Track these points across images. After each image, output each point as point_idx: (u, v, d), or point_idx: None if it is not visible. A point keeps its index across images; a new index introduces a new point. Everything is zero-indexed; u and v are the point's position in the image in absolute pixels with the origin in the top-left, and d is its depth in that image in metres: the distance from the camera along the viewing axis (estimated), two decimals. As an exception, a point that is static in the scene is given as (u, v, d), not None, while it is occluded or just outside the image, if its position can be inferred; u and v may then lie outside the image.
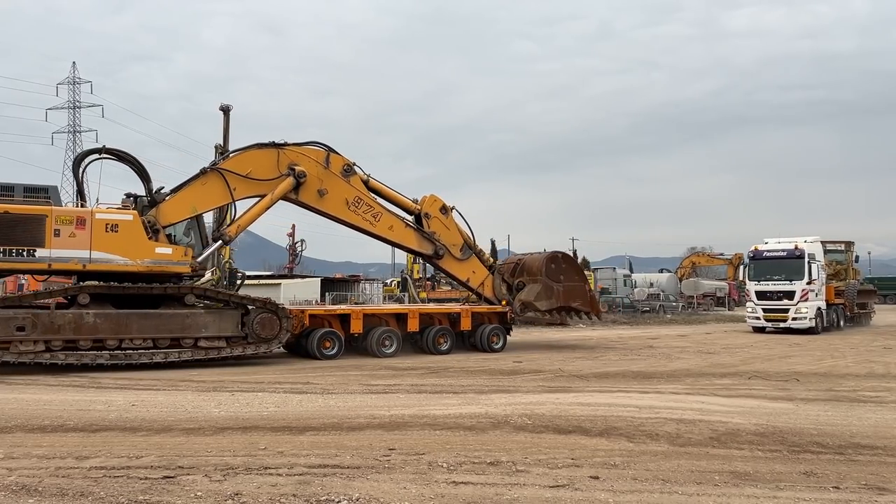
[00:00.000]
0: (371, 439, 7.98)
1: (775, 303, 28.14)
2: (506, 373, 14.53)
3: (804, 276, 27.62)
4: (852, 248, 35.50)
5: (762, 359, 17.54)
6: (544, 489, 6.05)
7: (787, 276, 28.08)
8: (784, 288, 28.06)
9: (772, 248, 29.43)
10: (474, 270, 19.76)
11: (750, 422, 8.91)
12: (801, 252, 28.07)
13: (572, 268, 20.93)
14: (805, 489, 6.06)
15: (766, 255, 29.24)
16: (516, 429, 8.52)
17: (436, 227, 18.92)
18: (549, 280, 19.88)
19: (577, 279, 20.57)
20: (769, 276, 28.61)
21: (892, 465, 6.90)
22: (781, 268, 28.45)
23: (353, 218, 17.73)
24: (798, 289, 27.69)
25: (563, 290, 20.02)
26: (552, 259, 20.46)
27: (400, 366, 15.80)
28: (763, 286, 28.73)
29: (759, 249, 29.67)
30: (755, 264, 29.48)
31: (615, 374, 14.36)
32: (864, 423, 8.99)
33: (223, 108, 28.42)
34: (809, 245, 28.77)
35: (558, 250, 21.74)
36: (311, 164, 17.08)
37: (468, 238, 19.55)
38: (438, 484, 6.20)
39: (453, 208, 19.24)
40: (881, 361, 16.80)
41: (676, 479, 6.35)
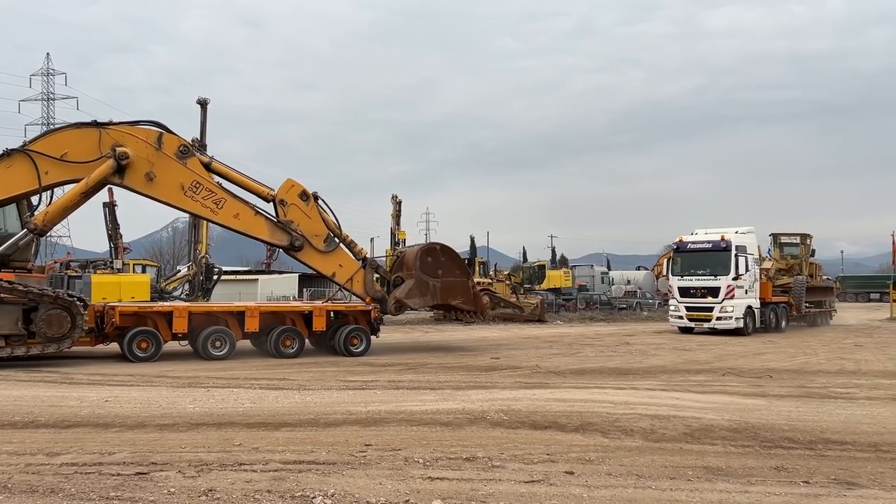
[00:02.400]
0: (347, 435, 7.96)
1: (699, 300, 25.44)
2: (483, 369, 14.57)
3: (730, 270, 24.87)
4: (808, 242, 32.83)
5: (736, 355, 17.75)
6: (519, 484, 6.07)
7: (712, 270, 25.29)
8: (708, 284, 25.27)
9: (697, 240, 26.40)
10: (341, 264, 17.68)
11: (723, 417, 9.02)
12: (727, 244, 25.17)
13: (453, 261, 18.86)
14: (776, 484, 6.14)
15: (691, 248, 26.24)
16: (493, 424, 8.55)
17: (294, 216, 16.90)
18: (423, 275, 18.03)
19: (458, 274, 18.70)
20: (693, 270, 25.84)
21: (860, 460, 7.02)
22: (706, 261, 25.56)
23: (191, 205, 16.07)
24: (723, 285, 24.91)
25: (442, 287, 18.23)
26: (428, 251, 18.65)
27: (377, 362, 15.78)
28: (686, 282, 25.93)
29: (684, 241, 26.69)
30: (679, 257, 26.58)
31: (592, 371, 14.45)
32: (834, 418, 9.13)
33: (200, 102, 28.14)
34: (739, 236, 26.05)
35: (436, 241, 19.80)
36: (140, 144, 15.35)
37: (335, 228, 17.56)
38: (414, 479, 6.20)
39: (316, 194, 17.24)
40: (852, 359, 17.07)
41: (650, 474, 6.40)
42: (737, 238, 25.67)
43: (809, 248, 32.70)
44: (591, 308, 44.33)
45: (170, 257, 69.89)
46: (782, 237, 32.74)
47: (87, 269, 26.14)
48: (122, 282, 23.40)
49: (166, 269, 44.59)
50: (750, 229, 27.22)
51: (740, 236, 26.02)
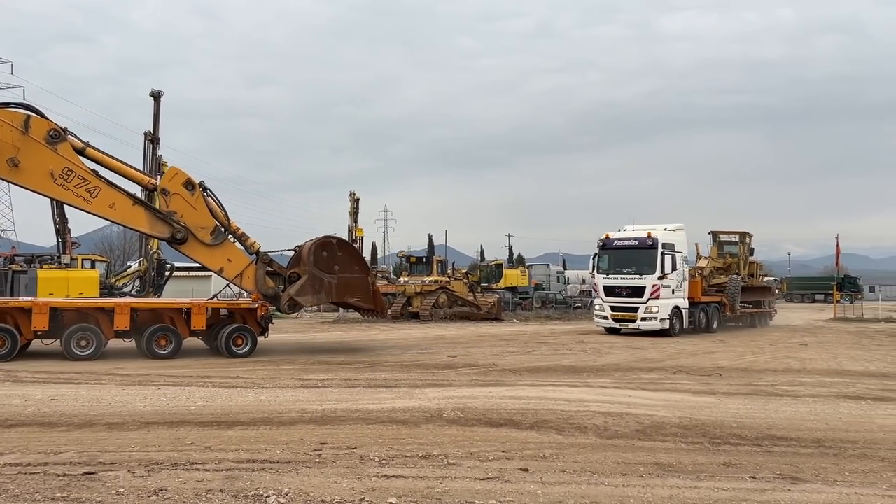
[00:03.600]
0: (302, 434, 7.89)
1: (624, 300, 24.27)
2: (440, 367, 14.59)
3: (656, 269, 23.66)
4: (747, 240, 31.94)
5: (687, 354, 18.11)
6: (475, 482, 6.10)
7: (638, 269, 24.12)
8: (633, 283, 24.11)
9: (623, 237, 25.24)
10: (230, 259, 16.60)
11: (674, 415, 9.20)
12: (653, 241, 23.94)
13: (351, 256, 17.78)
14: (724, 479, 6.28)
15: (617, 245, 25.02)
16: (449, 422, 8.57)
17: (178, 206, 15.92)
18: (318, 271, 16.82)
19: (356, 270, 17.53)
20: (619, 268, 24.67)
21: (804, 455, 7.23)
22: (632, 259, 24.39)
23: (61, 193, 15.15)
24: (648, 284, 23.71)
25: (338, 283, 17.02)
26: (323, 245, 17.22)
27: (333, 361, 15.69)
28: (611, 280, 24.71)
29: (611, 238, 25.41)
30: (605, 255, 25.23)
31: (547, 369, 14.59)
32: (780, 415, 9.38)
33: (154, 94, 27.54)
34: (666, 234, 24.90)
35: (333, 235, 18.15)
36: (4, 128, 14.48)
37: (223, 220, 16.60)
38: (370, 478, 6.18)
39: (203, 185, 16.37)
40: (797, 357, 17.57)
41: (603, 471, 6.50)
42: (664, 235, 24.58)
43: (748, 246, 32.01)
44: (546, 307, 44.76)
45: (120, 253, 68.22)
46: (721, 235, 31.77)
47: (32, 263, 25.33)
48: (69, 277, 22.76)
49: (116, 264, 43.47)
50: (679, 226, 26.09)
51: (668, 233, 24.99)
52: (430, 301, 32.19)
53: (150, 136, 28.02)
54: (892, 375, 14.05)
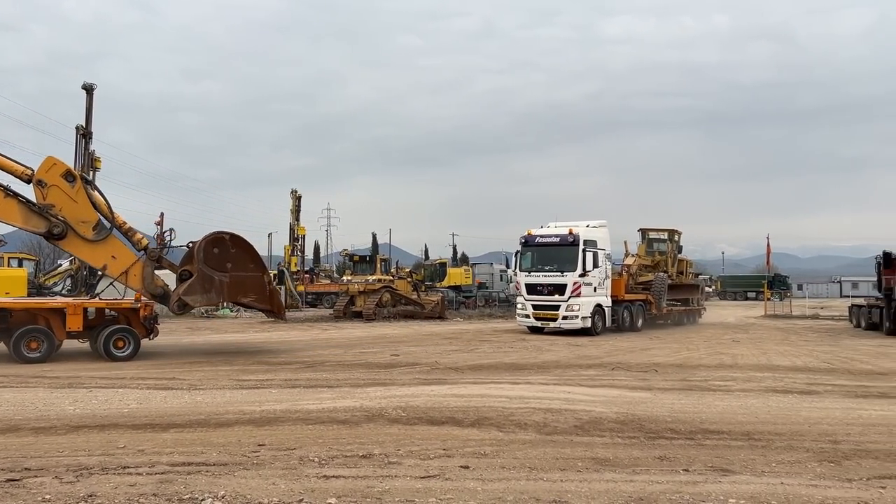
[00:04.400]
0: (240, 435, 7.75)
1: (545, 298, 23.71)
2: (383, 366, 14.54)
3: (577, 266, 23.20)
4: (676, 238, 31.80)
5: (625, 351, 18.51)
6: (415, 480, 6.10)
7: (560, 266, 23.54)
8: (554, 280, 23.56)
9: (545, 233, 24.53)
10: (114, 255, 15.58)
11: (612, 410, 9.38)
12: (574, 238, 23.44)
13: (246, 253, 16.61)
14: (658, 472, 6.44)
15: (539, 242, 24.38)
16: (390, 421, 8.55)
17: (56, 199, 14.95)
18: (208, 269, 15.79)
19: (251, 268, 16.51)
20: (541, 266, 24.11)
21: (735, 448, 7.46)
22: (553, 256, 23.86)
23: None
24: (569, 281, 23.20)
25: (231, 282, 16.02)
26: (214, 242, 16.13)
27: (274, 360, 15.47)
28: (533, 278, 24.15)
29: (532, 234, 24.74)
30: (527, 252, 24.65)
31: (489, 366, 14.70)
32: (713, 409, 9.67)
33: (86, 87, 26.63)
34: (589, 230, 24.33)
35: (225, 231, 16.87)
36: None
37: (106, 213, 15.64)
38: (309, 478, 6.11)
39: (84, 176, 15.70)
40: (729, 353, 18.14)
41: (542, 467, 6.58)
42: (586, 232, 24.04)
43: (677, 244, 31.90)
44: (490, 305, 45.09)
45: (50, 251, 65.74)
46: (650, 233, 31.55)
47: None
48: (-6, 276, 21.80)
49: (46, 263, 41.89)
50: (602, 223, 25.52)
51: (590, 230, 24.46)
52: (374, 300, 32.03)
53: (82, 130, 26.99)
54: (818, 370, 14.64)
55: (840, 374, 14.06)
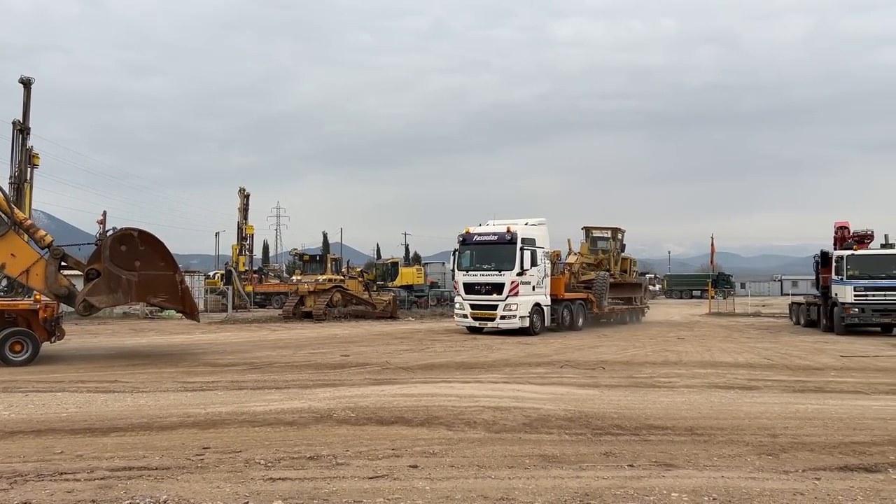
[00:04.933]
0: (184, 438, 7.59)
1: (483, 297, 23.31)
2: (332, 367, 14.42)
3: (515, 264, 22.86)
4: (619, 236, 31.75)
5: (573, 349, 18.76)
6: (363, 480, 6.06)
7: (498, 265, 23.17)
8: (492, 279, 23.18)
9: (483, 232, 24.13)
10: (13, 253, 14.70)
11: (560, 407, 9.49)
12: (512, 236, 23.07)
13: (156, 251, 15.65)
14: (604, 468, 6.54)
15: (477, 240, 23.94)
16: (339, 422, 8.48)
17: None
18: (115, 267, 14.99)
19: (161, 266, 15.62)
20: (479, 265, 23.69)
21: (678, 443, 7.62)
22: (492, 255, 23.45)
23: None
24: (507, 280, 22.83)
25: (139, 282, 15.24)
26: (122, 239, 15.27)
27: (220, 362, 15.20)
28: (471, 277, 23.72)
29: (471, 232, 24.28)
30: (466, 250, 24.16)
31: (440, 366, 14.72)
32: (658, 406, 9.87)
33: (23, 81, 25.76)
34: (527, 228, 24.03)
35: (133, 227, 15.91)
36: None
37: (5, 209, 14.87)
38: (255, 481, 6.02)
39: None
40: (675, 350, 18.56)
41: (490, 465, 6.61)
42: (524, 230, 23.71)
43: (620, 242, 31.91)
44: (442, 304, 45.16)
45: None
46: (594, 231, 31.46)
47: None
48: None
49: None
50: (541, 221, 25.23)
51: (529, 228, 24.13)
52: (324, 300, 31.76)
53: (19, 125, 26.19)
54: (758, 366, 15.08)
55: (779, 369, 14.50)
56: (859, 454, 7.07)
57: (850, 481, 6.13)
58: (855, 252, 24.30)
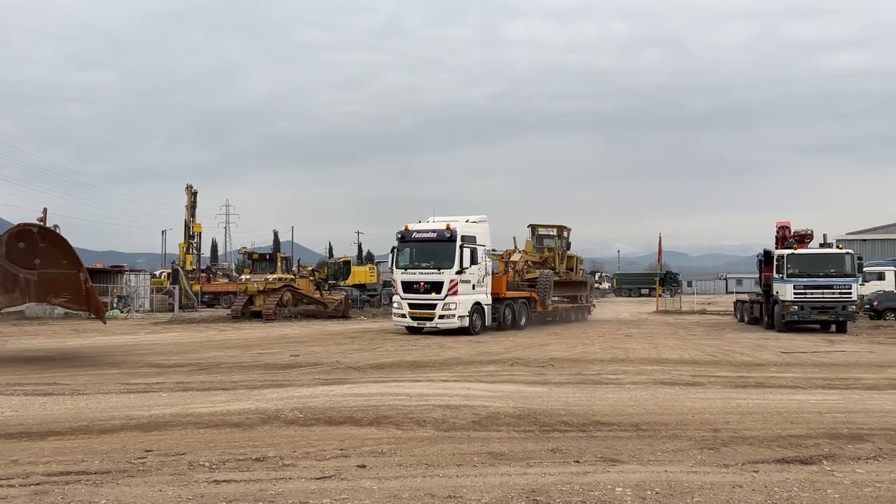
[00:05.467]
0: (125, 441, 7.40)
1: (422, 296, 22.78)
2: (281, 367, 14.24)
3: (454, 262, 22.34)
4: (565, 234, 31.81)
5: (524, 346, 18.93)
6: (310, 481, 6.00)
7: (437, 263, 22.62)
8: (431, 278, 22.63)
9: (422, 229, 23.66)
10: None
11: (509, 405, 9.56)
12: (451, 233, 22.58)
13: (57, 249, 14.55)
14: (551, 464, 6.61)
15: (416, 238, 23.44)
16: (287, 423, 8.39)
17: None
18: (11, 265, 14.06)
19: (63, 265, 14.50)
20: (418, 262, 23.21)
21: (624, 438, 7.76)
22: (431, 253, 22.93)
23: None
24: (446, 279, 22.32)
25: (38, 281, 14.30)
26: (19, 235, 14.25)
27: (165, 363, 14.87)
28: (409, 276, 23.21)
29: (410, 230, 23.77)
30: (405, 248, 23.66)
31: (391, 365, 14.68)
32: (604, 402, 10.02)
33: (-43, 72, 24.64)
34: (467, 226, 23.61)
35: (32, 223, 15.19)
36: None
37: None
38: (198, 484, 5.91)
39: None
40: (622, 348, 18.88)
41: (439, 463, 6.62)
42: (464, 227, 23.26)
43: (566, 240, 31.88)
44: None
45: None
46: (540, 229, 31.42)
47: None
48: None
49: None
50: (482, 218, 24.80)
51: (469, 226, 23.73)
52: (274, 299, 31.35)
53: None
54: (703, 362, 15.45)
55: (722, 365, 14.88)
56: (795, 447, 7.30)
57: (786, 473, 6.33)
58: (795, 251, 25.08)
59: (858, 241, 48.09)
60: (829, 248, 25.99)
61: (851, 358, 16.53)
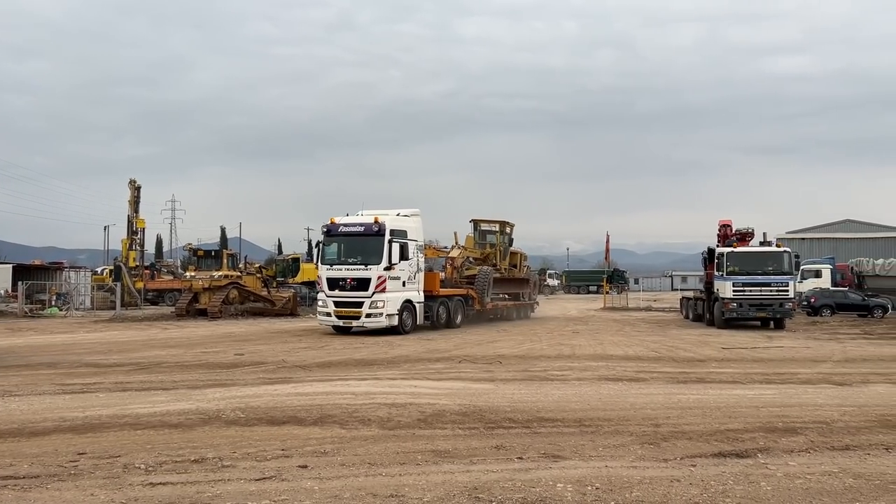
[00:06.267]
0: (58, 444, 7.16)
1: (348, 294, 21.43)
2: (225, 366, 13.96)
3: (382, 258, 21.25)
4: (508, 230, 31.08)
5: (473, 343, 18.97)
6: (250, 483, 5.89)
7: (364, 258, 21.44)
8: (357, 274, 21.42)
9: (349, 222, 22.35)
10: None
11: (455, 402, 9.56)
12: (380, 227, 21.42)
13: None
14: (494, 461, 6.63)
15: (343, 231, 22.21)
16: (228, 423, 8.22)
17: None
18: None
19: None
20: (345, 258, 21.94)
21: (567, 434, 7.83)
22: (358, 248, 21.78)
23: None
24: (374, 275, 21.17)
25: None
26: None
27: (104, 362, 14.44)
28: (335, 272, 21.83)
29: (336, 223, 22.46)
30: (331, 242, 22.42)
31: (338, 363, 14.54)
32: (549, 398, 10.10)
33: None
34: (397, 220, 22.54)
35: None
36: None
37: None
38: (133, 487, 5.74)
39: None
40: (569, 344, 19.10)
41: (382, 462, 6.57)
42: (394, 221, 22.18)
43: (508, 236, 31.18)
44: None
45: None
46: (482, 224, 30.58)
47: None
48: None
49: None
50: (415, 212, 23.79)
51: (400, 220, 22.66)
52: (220, 297, 30.75)
53: None
54: (646, 358, 15.73)
55: (665, 361, 15.18)
56: (732, 441, 7.48)
57: (722, 467, 6.47)
58: (734, 249, 25.61)
59: (798, 240, 49.71)
60: (767, 247, 26.52)
61: (789, 353, 17.05)
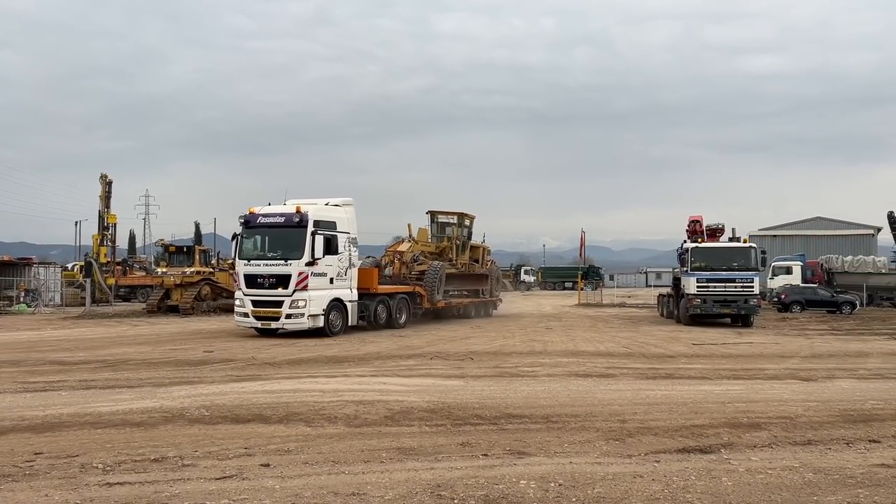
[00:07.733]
0: (14, 444, 7.01)
1: (267, 292, 19.16)
2: (193, 363, 13.78)
3: (304, 252, 19.02)
4: (467, 223, 29.22)
5: (446, 340, 18.93)
6: (210, 482, 5.81)
7: (286, 253, 19.21)
8: (277, 270, 19.18)
9: (269, 212, 20.02)
10: None
11: (423, 399, 9.52)
12: (301, 218, 19.14)
13: None
14: (459, 458, 6.60)
15: (262, 223, 19.87)
16: (191, 421, 8.11)
17: None
18: None
19: None
20: (265, 252, 19.77)
21: (533, 431, 7.83)
22: (278, 241, 19.58)
23: None
24: (294, 272, 18.95)
25: None
26: None
27: (70, 360, 14.19)
28: (253, 268, 19.52)
29: (255, 213, 20.12)
30: (249, 235, 20.04)
31: (308, 360, 14.43)
32: (518, 395, 10.10)
33: None
34: (325, 210, 20.28)
35: None
36: None
37: None
38: (89, 487, 5.64)
39: None
40: (541, 340, 19.14)
41: (346, 460, 6.52)
42: (319, 211, 19.92)
43: (468, 229, 29.38)
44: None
45: None
46: (440, 216, 28.82)
47: None
48: None
49: None
50: (347, 201, 21.48)
51: (327, 209, 20.39)
52: (192, 293, 30.38)
53: None
54: (617, 354, 15.81)
55: (636, 357, 15.26)
56: (697, 436, 7.53)
57: (685, 463, 6.51)
58: (699, 245, 25.46)
59: (769, 237, 50.28)
60: (736, 243, 26.35)
61: (757, 349, 17.24)
